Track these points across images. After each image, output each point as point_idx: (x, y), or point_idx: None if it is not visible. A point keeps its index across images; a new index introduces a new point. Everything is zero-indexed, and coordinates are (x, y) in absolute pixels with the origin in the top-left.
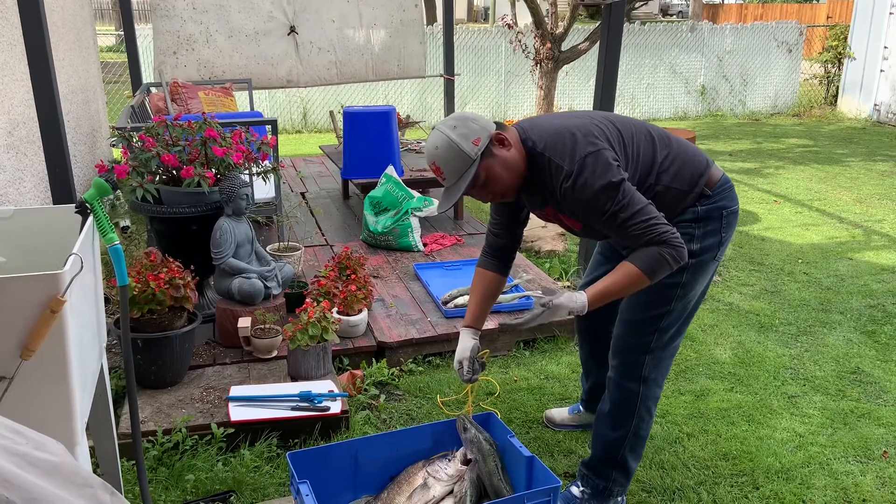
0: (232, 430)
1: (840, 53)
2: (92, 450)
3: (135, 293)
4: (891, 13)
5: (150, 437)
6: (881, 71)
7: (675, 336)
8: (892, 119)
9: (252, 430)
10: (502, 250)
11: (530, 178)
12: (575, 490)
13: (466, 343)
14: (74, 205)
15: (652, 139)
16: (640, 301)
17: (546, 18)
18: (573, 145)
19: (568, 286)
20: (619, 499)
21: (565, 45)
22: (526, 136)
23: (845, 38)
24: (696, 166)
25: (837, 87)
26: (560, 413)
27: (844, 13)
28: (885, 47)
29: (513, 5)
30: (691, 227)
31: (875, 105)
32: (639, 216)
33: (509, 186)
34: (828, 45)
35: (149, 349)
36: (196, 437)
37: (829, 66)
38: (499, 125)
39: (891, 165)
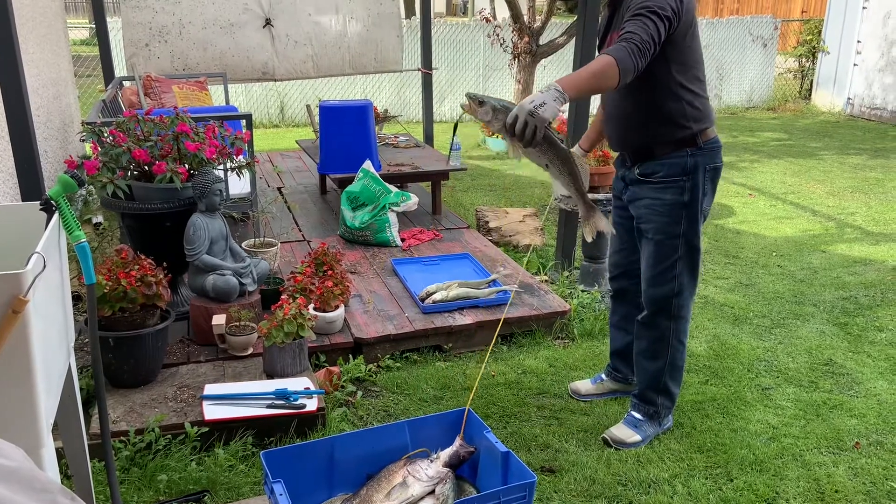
0: (206, 430)
1: (814, 48)
2: (61, 451)
3: (105, 291)
4: (864, 7)
5: (122, 438)
6: (854, 65)
7: (691, 278)
8: (865, 113)
9: (227, 429)
10: None
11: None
12: (637, 414)
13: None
14: (39, 202)
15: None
16: (653, 258)
17: (524, 13)
18: None
19: (545, 280)
20: (667, 418)
21: (543, 40)
22: None
23: (819, 33)
24: (706, 112)
25: (812, 82)
26: (584, 385)
27: (819, 7)
28: (859, 41)
29: None
30: (682, 179)
31: (849, 99)
32: (644, 19)
33: None
34: (802, 39)
35: (121, 348)
36: (169, 436)
37: (804, 60)
38: None
39: (863, 159)
